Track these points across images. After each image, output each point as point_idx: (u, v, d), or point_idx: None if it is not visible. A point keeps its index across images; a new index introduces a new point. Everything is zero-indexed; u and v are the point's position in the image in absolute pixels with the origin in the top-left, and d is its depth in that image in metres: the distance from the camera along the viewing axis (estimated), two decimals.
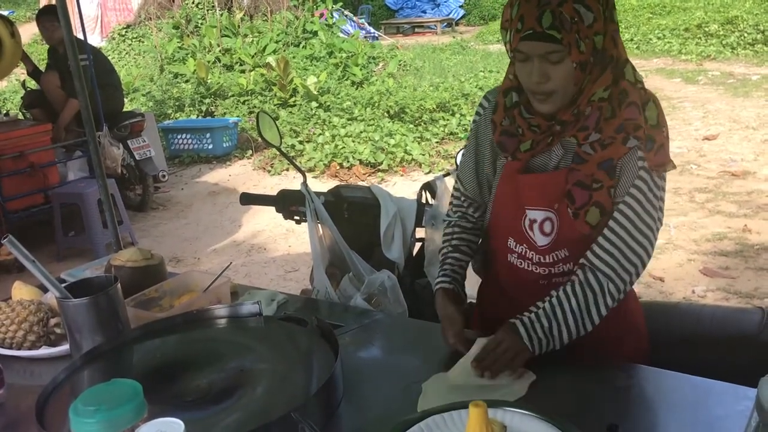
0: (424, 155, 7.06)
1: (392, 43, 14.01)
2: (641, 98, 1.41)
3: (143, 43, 14.33)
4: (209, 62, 10.89)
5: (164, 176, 6.43)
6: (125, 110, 6.35)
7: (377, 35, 15.54)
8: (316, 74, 9.66)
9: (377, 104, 8.34)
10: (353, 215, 2.33)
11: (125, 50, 14.57)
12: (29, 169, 5.23)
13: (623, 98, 1.40)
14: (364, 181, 6.74)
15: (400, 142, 7.17)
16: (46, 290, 1.79)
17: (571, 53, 1.33)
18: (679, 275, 4.11)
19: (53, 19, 5.35)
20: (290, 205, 2.40)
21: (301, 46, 11.76)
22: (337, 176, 6.87)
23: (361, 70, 10.35)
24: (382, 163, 6.91)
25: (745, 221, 4.82)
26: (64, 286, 1.51)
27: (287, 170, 7.23)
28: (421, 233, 2.30)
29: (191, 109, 9.37)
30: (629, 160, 1.41)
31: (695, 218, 4.98)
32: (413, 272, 2.28)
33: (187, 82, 10.34)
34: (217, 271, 1.88)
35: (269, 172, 7.37)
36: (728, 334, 1.69)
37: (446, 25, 19.10)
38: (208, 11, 13.47)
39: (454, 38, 15.85)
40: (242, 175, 7.47)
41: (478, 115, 1.64)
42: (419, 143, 7.32)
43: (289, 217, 2.44)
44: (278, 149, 2.24)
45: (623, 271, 1.42)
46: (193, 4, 14.10)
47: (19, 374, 1.62)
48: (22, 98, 6.48)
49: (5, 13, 12.93)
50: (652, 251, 1.44)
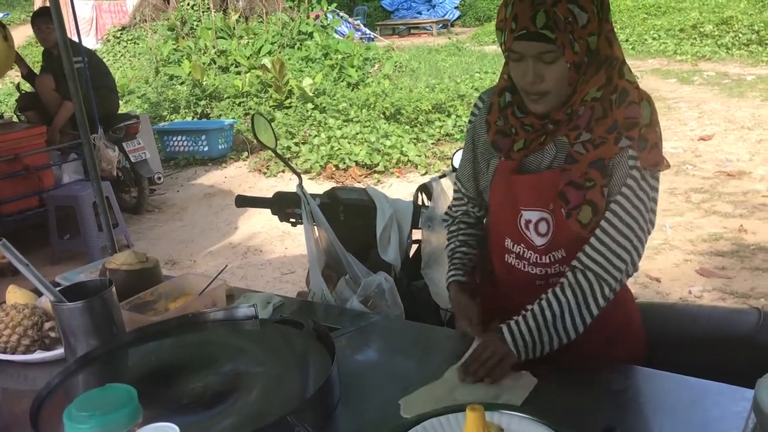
0: (420, 156, 7.05)
1: (388, 44, 14.01)
2: (638, 97, 1.41)
3: (138, 45, 14.32)
4: (204, 64, 10.87)
5: (159, 178, 6.42)
6: (120, 112, 6.33)
7: (373, 36, 15.56)
8: (311, 76, 9.66)
9: (373, 105, 8.33)
10: (349, 217, 2.32)
11: (120, 52, 14.57)
12: (24, 171, 5.20)
13: (623, 97, 1.40)
14: (360, 182, 6.73)
15: (396, 143, 7.16)
16: (40, 294, 1.79)
17: (565, 53, 1.33)
18: (675, 275, 4.11)
19: (48, 21, 5.32)
20: (286, 207, 2.39)
21: (296, 47, 11.76)
22: (333, 178, 6.86)
23: (356, 71, 10.34)
24: (378, 164, 6.91)
25: (740, 221, 4.83)
26: (58, 289, 1.50)
27: (283, 172, 7.22)
28: (417, 235, 2.30)
29: (186, 111, 9.35)
30: (620, 159, 1.40)
31: (691, 218, 4.98)
32: (410, 274, 2.28)
33: (182, 84, 10.32)
34: (212, 273, 1.87)
35: (265, 174, 7.36)
36: (725, 334, 1.69)
37: (442, 26, 19.14)
38: (203, 13, 13.46)
39: (449, 39, 15.87)
40: (238, 177, 7.46)
41: (473, 116, 1.64)
42: (415, 144, 7.32)
43: (284, 219, 2.43)
44: (273, 151, 2.24)
45: (613, 269, 1.41)
46: (188, 5, 14.09)
47: (13, 379, 1.61)
48: (16, 101, 6.47)
49: None
50: (642, 251, 1.44)
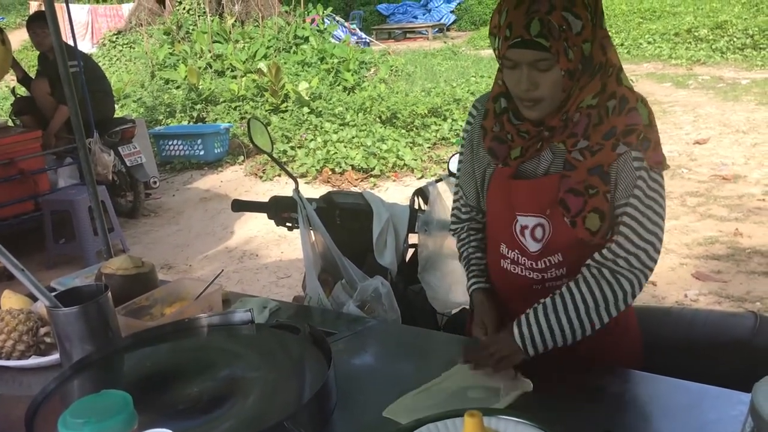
0: (416, 160, 7.06)
1: (384, 48, 14.04)
2: (635, 100, 1.42)
3: (134, 49, 14.30)
4: (200, 68, 10.86)
5: (155, 183, 6.41)
6: (116, 117, 6.32)
7: (369, 41, 15.58)
8: (307, 80, 9.66)
9: (369, 110, 8.34)
10: (345, 221, 2.32)
11: (116, 56, 14.55)
12: (19, 176, 5.20)
13: (623, 104, 1.40)
14: (356, 186, 6.73)
15: (392, 147, 7.17)
16: (35, 299, 1.78)
17: (559, 61, 1.33)
18: (671, 279, 4.12)
19: (43, 25, 5.31)
20: (282, 211, 2.39)
21: (292, 51, 11.76)
22: (329, 182, 6.86)
23: (352, 75, 10.35)
24: (374, 168, 6.91)
25: (736, 225, 4.84)
26: (54, 294, 1.49)
27: (279, 176, 7.21)
28: (413, 239, 2.30)
29: (182, 115, 9.34)
30: (624, 164, 1.40)
31: (687, 222, 4.99)
32: (406, 278, 2.28)
33: (178, 88, 10.31)
34: (209, 278, 1.86)
35: (261, 178, 7.35)
36: (721, 338, 1.69)
37: (437, 30, 19.17)
38: (199, 17, 13.45)
39: (445, 43, 15.88)
40: (234, 181, 7.46)
41: (468, 123, 1.64)
42: (411, 148, 7.33)
43: (281, 223, 2.43)
44: (270, 155, 2.23)
45: (635, 268, 1.41)
46: (184, 10, 14.08)
47: (8, 384, 1.61)
48: (11, 105, 6.45)
49: None
50: (660, 247, 1.44)
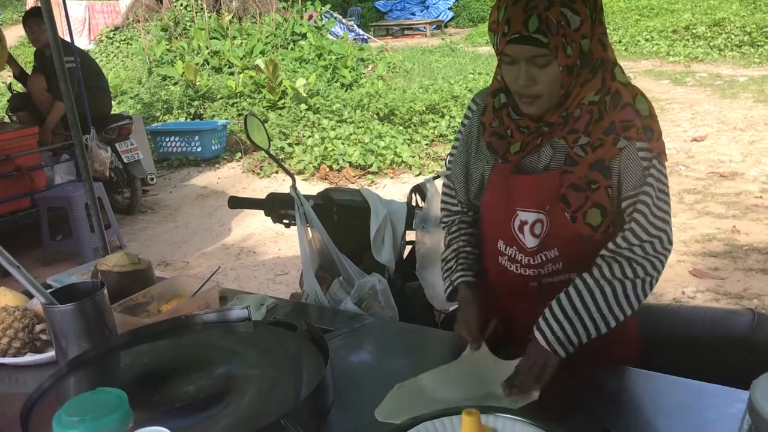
0: (414, 157, 7.05)
1: (381, 45, 14.02)
2: (632, 95, 1.41)
3: (131, 45, 14.28)
4: (198, 64, 10.85)
5: (152, 179, 6.41)
6: (113, 113, 6.29)
7: (366, 37, 15.55)
8: (305, 76, 9.65)
9: (367, 106, 8.33)
10: (343, 218, 2.32)
11: (113, 53, 14.52)
12: (15, 172, 5.17)
13: (617, 100, 1.40)
14: (354, 183, 6.72)
15: (389, 144, 7.16)
16: (31, 296, 1.77)
17: (557, 57, 1.33)
18: (668, 276, 4.12)
19: (40, 21, 5.29)
20: (279, 208, 2.38)
21: (290, 48, 11.75)
22: (326, 179, 6.85)
23: (350, 72, 10.34)
24: (371, 165, 6.90)
25: (733, 222, 4.85)
26: (49, 291, 1.49)
27: (276, 173, 7.20)
28: (411, 236, 2.29)
29: (180, 111, 9.32)
30: (629, 157, 1.40)
31: (684, 219, 4.99)
32: (404, 276, 2.27)
33: (175, 84, 10.29)
34: (205, 275, 1.86)
35: (258, 174, 7.34)
36: (719, 336, 1.69)
37: (435, 27, 19.16)
38: (196, 13, 13.43)
39: (443, 40, 15.89)
40: (231, 177, 7.44)
41: (467, 118, 1.63)
42: (409, 145, 7.32)
43: (278, 220, 2.42)
44: (267, 152, 2.22)
45: (651, 255, 1.41)
46: (181, 6, 14.06)
47: (4, 381, 1.60)
48: (8, 101, 6.43)
49: None
50: (672, 234, 1.44)
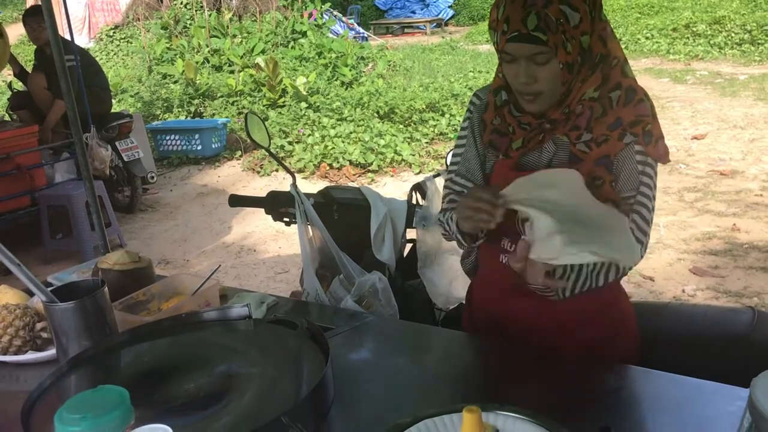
0: (414, 156, 7.05)
1: (382, 43, 14.00)
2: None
3: (131, 43, 14.26)
4: (198, 63, 10.84)
5: (153, 178, 6.40)
6: (113, 111, 6.29)
7: (366, 35, 15.54)
8: (305, 75, 9.64)
9: (367, 105, 8.32)
10: (343, 216, 2.32)
11: (113, 51, 14.51)
12: (16, 171, 5.17)
13: (631, 96, 1.42)
14: (354, 181, 6.72)
15: (390, 142, 7.16)
16: (32, 294, 1.77)
17: (557, 54, 1.33)
18: (669, 275, 4.12)
19: (40, 19, 5.28)
20: (280, 206, 2.38)
21: (290, 46, 11.73)
22: (327, 177, 6.85)
23: (350, 70, 10.33)
24: (372, 163, 6.90)
25: (733, 220, 4.85)
26: (50, 289, 1.49)
27: (277, 171, 7.20)
28: (411, 234, 2.30)
29: (180, 110, 9.32)
30: (627, 155, 1.42)
31: (684, 217, 5.00)
32: (404, 274, 2.28)
33: (175, 82, 10.29)
34: (206, 273, 1.86)
35: (259, 173, 7.34)
36: (719, 334, 1.69)
37: (436, 25, 19.14)
38: (196, 11, 13.41)
39: (443, 38, 15.87)
40: (231, 176, 7.44)
41: (470, 112, 1.62)
42: (409, 144, 7.31)
43: (278, 218, 2.43)
44: (267, 150, 2.22)
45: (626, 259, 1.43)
46: (181, 4, 14.05)
47: (4, 379, 1.60)
48: (8, 100, 6.43)
49: None
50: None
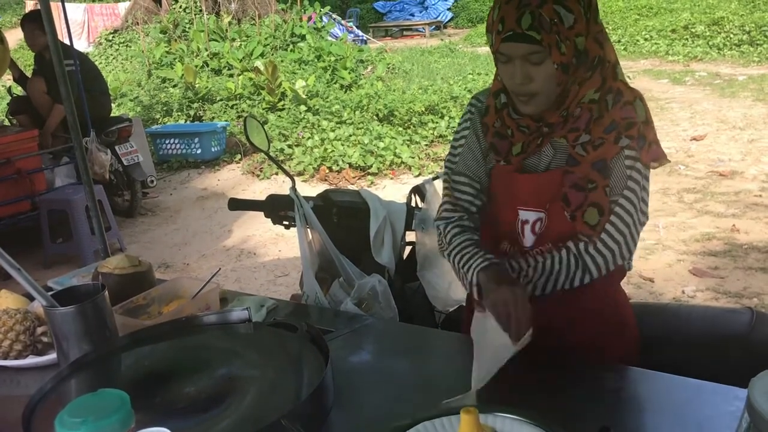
0: (413, 158, 7.05)
1: (381, 46, 14.02)
2: (632, 97, 1.43)
3: (130, 48, 14.28)
4: (197, 67, 10.85)
5: (152, 182, 6.40)
6: (113, 116, 6.29)
7: (366, 38, 15.56)
8: (304, 78, 9.65)
9: (366, 107, 8.33)
10: (342, 219, 2.32)
11: (112, 55, 14.52)
12: (16, 175, 5.17)
13: (618, 98, 1.42)
14: (353, 184, 6.73)
15: (389, 145, 7.16)
16: (32, 298, 1.77)
17: (551, 54, 1.34)
18: (668, 276, 4.12)
19: (39, 24, 5.29)
20: (279, 210, 2.39)
21: (289, 49, 11.74)
22: (326, 180, 6.86)
23: (349, 73, 10.34)
24: (371, 166, 6.90)
25: (733, 221, 4.85)
26: (50, 294, 1.49)
27: (276, 174, 7.20)
28: (411, 237, 2.30)
29: (179, 113, 9.33)
30: (617, 159, 1.43)
31: (684, 218, 4.99)
32: (404, 276, 2.28)
33: (174, 86, 10.29)
34: (206, 277, 1.86)
35: (258, 176, 7.34)
36: (718, 334, 1.69)
37: (434, 27, 19.17)
38: (195, 15, 13.43)
39: (442, 41, 15.88)
40: (231, 179, 7.45)
41: (470, 113, 1.60)
42: (408, 146, 7.32)
43: (278, 222, 2.43)
44: (266, 154, 2.23)
45: (605, 265, 1.47)
46: (180, 8, 14.06)
47: (5, 384, 1.60)
48: (8, 104, 6.43)
49: None
50: (637, 240, 1.50)
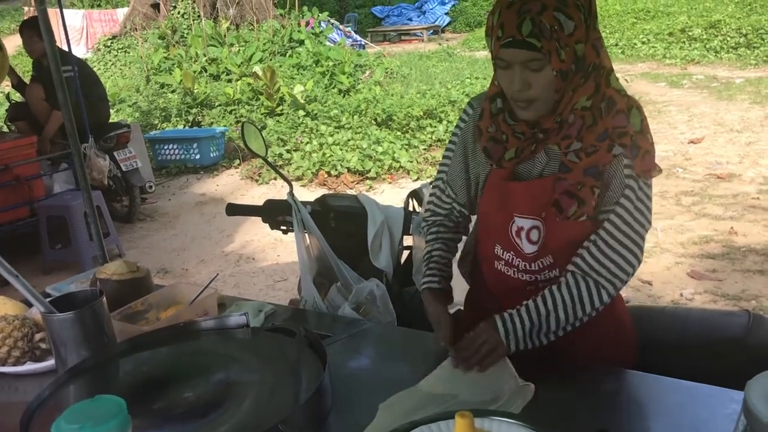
0: (411, 162, 7.06)
1: (379, 50, 14.04)
2: (627, 105, 1.42)
3: (129, 53, 14.29)
4: (195, 72, 10.86)
5: (151, 187, 6.41)
6: (111, 121, 6.31)
7: (364, 43, 15.60)
8: (302, 83, 9.66)
9: (364, 112, 8.34)
10: (340, 224, 2.32)
11: (111, 61, 14.54)
12: (14, 182, 5.18)
13: (611, 106, 1.41)
14: (352, 189, 6.73)
15: (387, 149, 7.17)
16: (30, 305, 1.77)
17: (551, 61, 1.34)
18: (666, 278, 4.13)
19: (37, 31, 5.31)
20: (277, 215, 2.39)
21: (287, 55, 11.76)
22: (325, 185, 6.86)
23: (348, 78, 10.36)
24: (370, 170, 6.91)
25: (731, 223, 4.85)
26: (48, 300, 1.49)
27: (275, 179, 7.21)
28: (408, 241, 2.30)
29: (178, 119, 9.34)
30: (616, 168, 1.41)
31: (682, 221, 5.00)
32: (401, 280, 2.28)
33: (173, 92, 10.30)
34: (205, 282, 1.86)
35: (257, 181, 7.35)
36: (716, 337, 1.69)
37: (432, 32, 19.22)
38: (194, 21, 13.45)
39: (440, 45, 15.93)
40: (230, 185, 7.45)
41: (462, 121, 1.63)
42: (407, 150, 7.33)
43: (276, 227, 2.43)
44: (264, 159, 2.23)
45: (615, 276, 1.43)
46: (178, 14, 14.08)
47: (3, 390, 1.60)
48: (6, 111, 6.44)
49: None
50: (642, 256, 1.46)
